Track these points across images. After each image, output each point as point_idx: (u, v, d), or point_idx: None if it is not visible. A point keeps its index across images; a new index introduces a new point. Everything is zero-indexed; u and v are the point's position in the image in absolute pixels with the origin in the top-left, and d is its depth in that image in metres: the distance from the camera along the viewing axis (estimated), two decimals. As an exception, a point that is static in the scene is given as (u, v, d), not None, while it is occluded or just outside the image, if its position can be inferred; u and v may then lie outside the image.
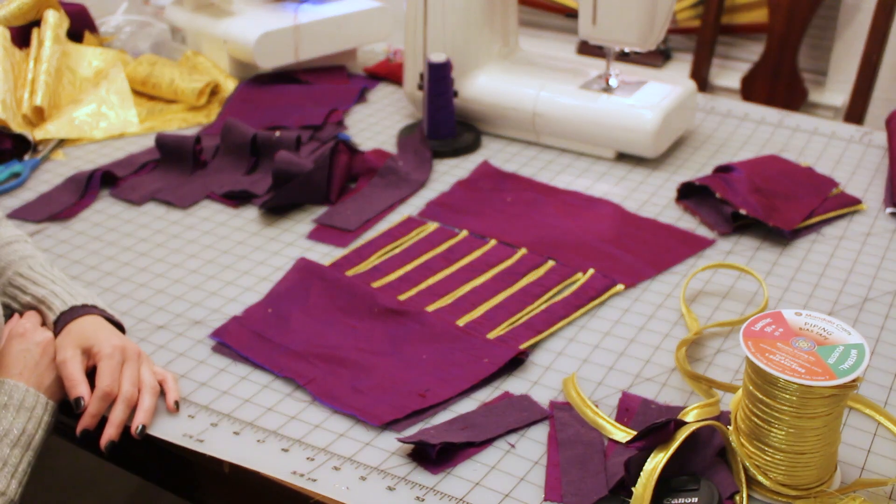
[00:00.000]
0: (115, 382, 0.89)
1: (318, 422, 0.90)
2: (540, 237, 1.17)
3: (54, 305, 0.95)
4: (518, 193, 1.29)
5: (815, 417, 0.76)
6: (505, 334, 1.00)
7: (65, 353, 0.91)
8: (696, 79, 2.13)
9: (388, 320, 1.02)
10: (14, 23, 1.55)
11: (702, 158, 1.40)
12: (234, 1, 1.63)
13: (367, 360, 0.96)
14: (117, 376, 0.90)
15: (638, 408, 0.90)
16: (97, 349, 0.91)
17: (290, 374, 0.95)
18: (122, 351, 0.91)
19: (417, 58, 1.46)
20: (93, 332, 0.93)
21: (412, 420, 0.89)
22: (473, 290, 1.07)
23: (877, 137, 1.45)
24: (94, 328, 0.93)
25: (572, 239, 1.17)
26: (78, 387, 0.89)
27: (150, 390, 0.90)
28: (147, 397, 0.90)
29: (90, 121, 1.48)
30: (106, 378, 0.89)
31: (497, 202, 1.27)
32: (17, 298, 0.98)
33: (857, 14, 2.22)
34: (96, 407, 0.88)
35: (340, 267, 1.12)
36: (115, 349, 0.91)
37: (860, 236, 1.19)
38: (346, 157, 1.32)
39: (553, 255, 1.13)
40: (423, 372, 0.95)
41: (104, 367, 0.90)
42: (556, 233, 1.19)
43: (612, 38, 1.37)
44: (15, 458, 0.82)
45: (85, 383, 0.89)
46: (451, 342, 0.98)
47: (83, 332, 0.93)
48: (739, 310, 1.06)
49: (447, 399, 0.91)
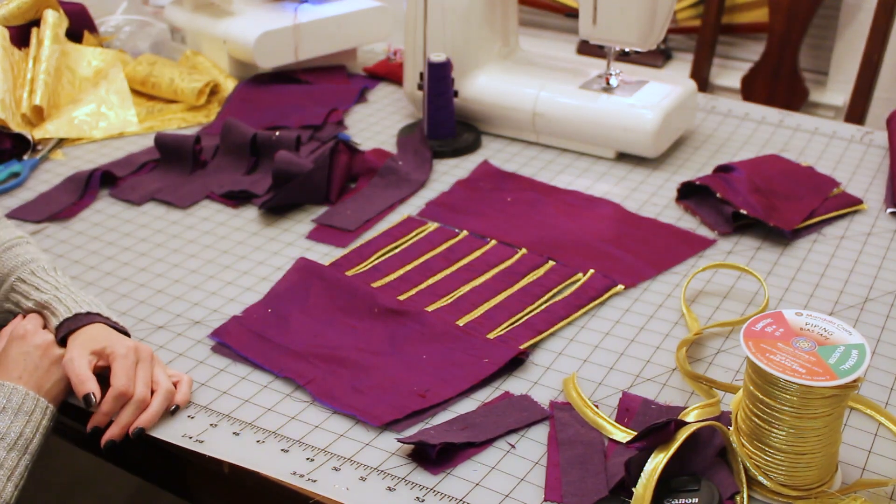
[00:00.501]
0: (131, 382, 0.88)
1: (318, 422, 0.89)
2: (540, 237, 1.17)
3: (58, 311, 0.94)
4: (518, 193, 1.29)
5: (816, 418, 0.76)
6: (505, 334, 1.00)
7: (71, 352, 0.90)
8: (696, 78, 2.12)
9: (388, 320, 1.01)
10: (13, 22, 1.55)
11: (702, 158, 1.40)
12: (234, 1, 1.62)
13: (367, 360, 0.96)
14: (132, 376, 0.89)
15: (638, 408, 0.90)
16: (110, 349, 0.90)
17: (289, 375, 0.95)
18: (136, 351, 0.91)
19: (417, 58, 1.46)
20: (102, 336, 0.92)
21: (412, 420, 0.89)
22: (473, 290, 1.07)
23: (878, 137, 1.45)
24: (102, 334, 0.93)
25: (572, 239, 1.17)
26: (86, 383, 0.88)
27: (163, 393, 0.89)
28: (158, 400, 0.89)
29: (90, 120, 1.48)
30: (122, 378, 0.88)
31: (497, 202, 1.26)
32: (20, 305, 0.97)
33: (858, 14, 2.22)
34: (110, 406, 0.87)
35: (340, 267, 1.12)
36: (129, 349, 0.90)
37: (861, 236, 1.19)
38: (346, 157, 1.32)
39: (553, 255, 1.13)
40: (423, 372, 0.94)
41: (119, 367, 0.89)
42: (557, 233, 1.18)
43: (612, 37, 1.36)
44: (11, 462, 0.82)
45: (93, 380, 0.88)
46: (451, 342, 0.98)
47: (92, 336, 0.92)
48: (740, 310, 1.05)
49: (447, 399, 0.91)
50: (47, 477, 1.68)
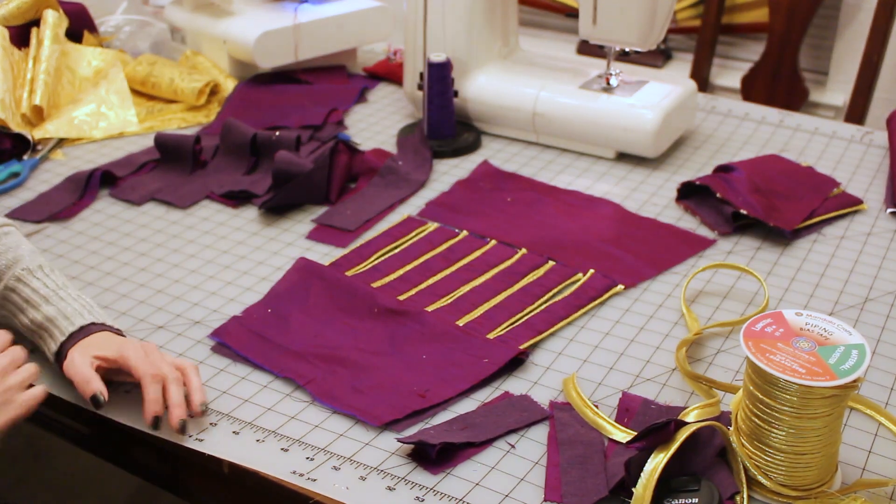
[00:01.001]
0: (154, 366, 0.88)
1: (318, 422, 0.89)
2: (540, 237, 1.17)
3: (62, 326, 0.93)
4: (518, 193, 1.29)
5: (816, 418, 0.76)
6: (505, 334, 1.00)
7: (72, 356, 0.89)
8: (696, 78, 2.12)
9: (388, 320, 1.01)
10: (13, 22, 1.55)
11: (702, 158, 1.40)
12: (234, 1, 1.62)
13: (367, 360, 0.96)
14: (152, 361, 0.88)
15: (638, 408, 0.90)
16: (116, 349, 0.90)
17: (289, 375, 0.95)
18: (143, 346, 0.91)
19: (417, 58, 1.46)
20: (106, 341, 0.92)
21: (412, 420, 0.89)
22: (473, 290, 1.07)
23: (878, 137, 1.45)
24: (105, 339, 0.92)
25: (573, 239, 1.17)
26: (91, 383, 0.87)
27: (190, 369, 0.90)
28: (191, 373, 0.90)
29: (89, 120, 1.48)
30: (144, 364, 0.88)
31: (497, 202, 1.26)
32: (16, 316, 0.95)
33: (858, 13, 2.22)
34: (154, 391, 0.87)
35: (340, 267, 1.12)
36: (136, 346, 0.90)
37: (861, 236, 1.19)
38: (345, 157, 1.32)
39: (553, 255, 1.13)
40: (422, 372, 0.94)
41: (135, 359, 0.88)
42: (557, 233, 1.18)
43: (612, 37, 1.36)
44: None
45: (98, 379, 0.88)
46: (451, 342, 0.98)
47: (93, 342, 0.91)
48: (740, 310, 1.05)
49: (447, 399, 0.91)
50: (47, 477, 1.68)
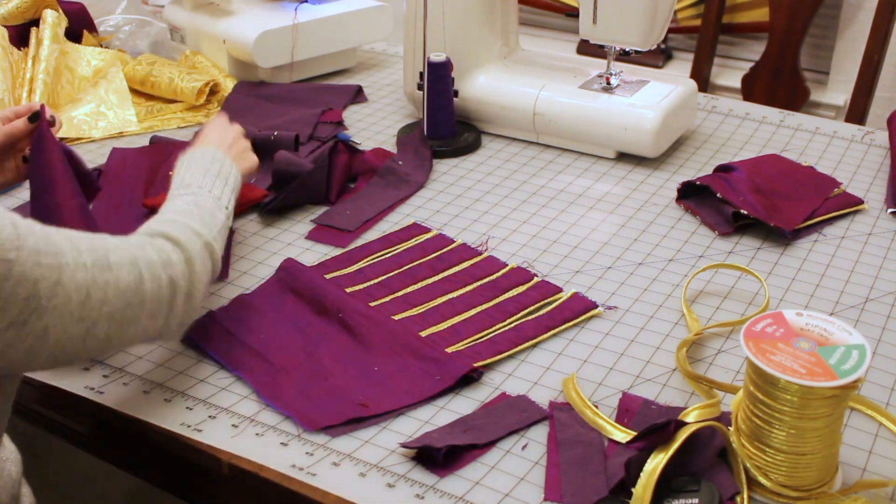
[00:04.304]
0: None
1: (317, 422, 0.89)
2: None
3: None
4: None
5: (816, 418, 0.76)
6: (465, 349, 0.97)
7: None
8: (696, 78, 2.12)
9: (351, 326, 1.00)
10: (12, 22, 1.55)
11: (702, 158, 1.40)
12: (234, 0, 1.62)
13: (323, 365, 0.95)
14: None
15: (638, 408, 0.90)
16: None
17: (242, 374, 0.94)
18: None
19: (417, 58, 1.46)
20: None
21: (348, 427, 0.88)
22: (448, 301, 1.05)
23: (878, 137, 1.45)
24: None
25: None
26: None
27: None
28: None
29: (89, 120, 1.48)
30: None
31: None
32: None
33: (859, 13, 2.21)
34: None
35: (327, 268, 1.11)
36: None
37: (862, 236, 1.19)
38: (345, 157, 1.32)
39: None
40: (371, 382, 0.93)
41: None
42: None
43: (612, 37, 1.36)
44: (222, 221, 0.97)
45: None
46: (408, 354, 0.96)
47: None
48: (740, 310, 1.05)
49: (388, 411, 0.90)
50: (47, 477, 1.68)
